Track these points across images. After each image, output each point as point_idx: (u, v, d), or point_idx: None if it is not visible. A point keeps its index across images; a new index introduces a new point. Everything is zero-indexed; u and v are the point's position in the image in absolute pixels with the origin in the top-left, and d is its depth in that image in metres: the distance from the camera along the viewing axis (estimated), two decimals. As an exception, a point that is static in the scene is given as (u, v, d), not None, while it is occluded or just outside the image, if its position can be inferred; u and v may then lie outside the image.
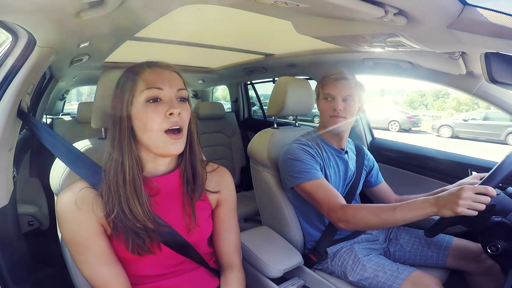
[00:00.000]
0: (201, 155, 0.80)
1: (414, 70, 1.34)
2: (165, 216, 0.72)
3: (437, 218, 0.94)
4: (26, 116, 0.88)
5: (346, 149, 1.24)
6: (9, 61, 0.78)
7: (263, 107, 2.92)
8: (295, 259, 1.13)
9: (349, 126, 1.18)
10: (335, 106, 1.12)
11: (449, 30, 0.71)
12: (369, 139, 1.81)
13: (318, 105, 1.22)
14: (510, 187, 0.94)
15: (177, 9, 0.92)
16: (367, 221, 0.95)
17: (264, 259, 1.09)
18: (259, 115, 3.13)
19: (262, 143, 1.30)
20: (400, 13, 0.69)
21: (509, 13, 0.61)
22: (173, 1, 0.87)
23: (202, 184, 0.78)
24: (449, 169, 1.43)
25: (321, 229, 1.19)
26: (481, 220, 0.87)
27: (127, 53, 1.56)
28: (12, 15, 0.65)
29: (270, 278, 1.07)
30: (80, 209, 0.66)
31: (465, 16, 0.66)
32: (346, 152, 1.24)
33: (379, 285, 0.98)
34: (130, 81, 0.69)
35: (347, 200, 1.18)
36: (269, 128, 1.38)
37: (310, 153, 1.13)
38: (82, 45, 1.15)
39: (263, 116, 2.97)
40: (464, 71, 1.10)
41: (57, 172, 0.78)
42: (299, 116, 1.46)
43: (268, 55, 1.99)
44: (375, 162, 1.36)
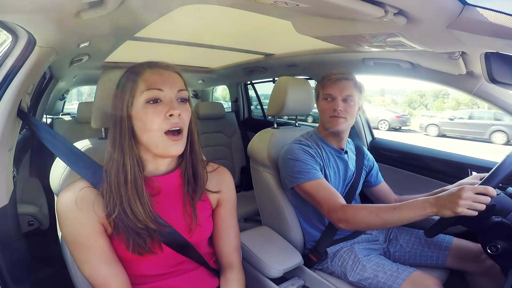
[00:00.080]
0: (201, 155, 0.80)
1: (414, 70, 1.34)
2: (166, 216, 0.72)
3: (437, 218, 0.94)
4: (26, 116, 0.87)
5: (346, 149, 1.24)
6: (9, 61, 0.78)
7: (263, 107, 2.92)
8: (295, 259, 1.13)
9: (349, 126, 1.18)
10: (335, 106, 1.13)
11: (449, 30, 0.71)
12: (369, 139, 1.81)
13: (318, 106, 1.22)
14: (510, 187, 0.94)
15: (177, 9, 0.92)
16: (367, 221, 0.95)
17: (264, 259, 1.08)
18: (258, 111, 3.12)
19: (262, 143, 1.30)
20: (400, 13, 0.69)
21: (509, 13, 0.61)
22: (173, 1, 0.87)
23: (203, 185, 0.79)
24: (449, 169, 1.43)
25: (321, 229, 1.19)
26: (481, 220, 0.87)
27: (127, 53, 1.56)
28: (12, 15, 0.65)
29: (270, 278, 1.07)
30: (81, 208, 0.66)
31: (465, 16, 0.66)
32: (346, 152, 1.24)
33: (379, 285, 0.98)
34: (131, 81, 0.68)
35: (347, 200, 1.17)
36: (269, 128, 1.37)
37: (310, 153, 1.13)
38: (82, 45, 1.15)
39: (263, 116, 2.97)
40: (464, 71, 1.10)
41: (57, 172, 0.78)
42: (292, 116, 1.46)
43: (268, 55, 1.99)
44: (374, 162, 1.36)
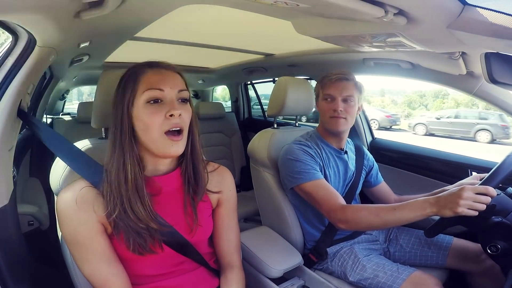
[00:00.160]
0: (202, 155, 0.79)
1: (414, 70, 1.34)
2: (166, 216, 0.72)
3: (437, 218, 0.94)
4: (27, 115, 0.87)
5: (345, 149, 1.24)
6: (9, 61, 0.78)
7: (263, 107, 2.92)
8: (295, 259, 1.13)
9: (350, 126, 1.18)
10: (335, 107, 1.12)
11: (449, 30, 0.71)
12: (369, 139, 1.81)
13: (318, 106, 1.22)
14: (510, 188, 0.94)
15: (177, 9, 0.92)
16: (367, 222, 0.95)
17: (264, 259, 1.08)
18: (256, 111, 3.11)
19: (262, 143, 1.30)
20: (400, 13, 0.69)
21: (509, 13, 0.61)
22: (173, 1, 0.87)
23: (204, 185, 0.78)
24: (449, 169, 1.43)
25: (321, 229, 1.19)
26: (481, 220, 0.87)
27: (127, 53, 1.56)
28: (12, 15, 0.65)
29: (270, 278, 1.07)
30: (81, 208, 0.66)
31: (465, 16, 0.66)
32: (346, 152, 1.24)
33: (379, 285, 0.98)
34: (131, 81, 0.68)
35: (346, 200, 1.17)
36: (269, 128, 1.37)
37: (309, 153, 1.13)
38: (82, 45, 1.15)
39: (263, 116, 2.97)
40: (464, 71, 1.10)
41: (57, 172, 0.78)
42: (288, 117, 1.46)
43: (268, 55, 1.99)
44: (374, 162, 1.36)
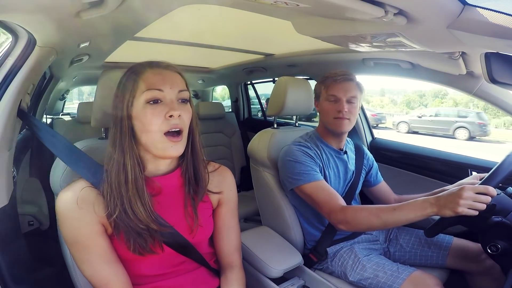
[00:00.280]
0: (203, 155, 0.79)
1: (414, 70, 1.34)
2: (167, 216, 0.72)
3: (437, 218, 0.94)
4: (26, 116, 0.87)
5: (345, 149, 1.24)
6: (9, 61, 0.78)
7: (262, 106, 2.92)
8: (295, 259, 1.13)
9: (352, 127, 1.17)
10: (340, 107, 1.11)
11: (449, 30, 0.71)
12: (369, 139, 1.81)
13: (319, 106, 1.20)
14: (510, 187, 0.94)
15: (177, 9, 0.92)
16: (367, 222, 0.95)
17: (264, 259, 1.08)
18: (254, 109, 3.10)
19: (262, 143, 1.30)
20: (400, 13, 0.69)
21: (509, 13, 0.61)
22: (173, 1, 0.87)
23: (205, 186, 0.78)
24: (449, 169, 1.43)
25: (321, 229, 1.19)
26: (481, 220, 0.87)
27: (127, 53, 1.56)
28: (12, 15, 0.65)
29: (270, 278, 1.07)
30: (81, 208, 0.66)
31: (465, 16, 0.66)
32: (346, 152, 1.24)
33: (379, 285, 0.98)
34: (131, 81, 0.68)
35: (346, 199, 1.17)
36: (269, 128, 1.37)
37: (309, 154, 1.12)
38: (82, 45, 1.15)
39: (262, 116, 2.97)
40: (464, 71, 1.10)
41: (58, 172, 0.78)
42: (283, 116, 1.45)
43: (268, 55, 1.99)
44: (374, 161, 1.36)
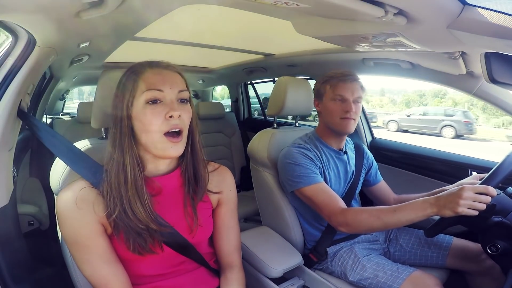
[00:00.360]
0: (203, 155, 0.79)
1: (414, 70, 1.34)
2: (166, 216, 0.72)
3: (437, 218, 0.94)
4: (26, 116, 0.87)
5: (345, 150, 1.24)
6: (9, 61, 0.78)
7: (262, 106, 2.92)
8: (295, 259, 1.13)
9: (355, 127, 1.16)
10: (348, 108, 1.09)
11: (449, 30, 0.71)
12: (369, 139, 1.81)
13: (323, 106, 1.17)
14: (510, 187, 0.94)
15: (177, 9, 0.92)
16: (368, 224, 0.95)
17: (264, 259, 1.08)
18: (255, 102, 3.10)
19: (262, 143, 1.30)
20: (400, 13, 0.69)
21: (509, 13, 0.61)
22: (173, 1, 0.87)
23: (204, 186, 0.78)
24: (449, 169, 1.43)
25: (321, 229, 1.19)
26: (481, 220, 0.87)
27: (127, 53, 1.56)
28: (12, 15, 0.65)
29: (270, 278, 1.07)
30: (81, 208, 0.66)
31: (465, 16, 0.66)
32: (345, 152, 1.24)
33: (379, 285, 0.98)
34: (131, 81, 0.68)
35: (346, 199, 1.17)
36: (269, 128, 1.37)
37: (309, 156, 1.11)
38: (82, 45, 1.15)
39: (263, 116, 2.97)
40: (464, 71, 1.10)
41: (57, 172, 0.78)
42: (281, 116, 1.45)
43: (268, 55, 1.99)
44: (374, 160, 1.36)
